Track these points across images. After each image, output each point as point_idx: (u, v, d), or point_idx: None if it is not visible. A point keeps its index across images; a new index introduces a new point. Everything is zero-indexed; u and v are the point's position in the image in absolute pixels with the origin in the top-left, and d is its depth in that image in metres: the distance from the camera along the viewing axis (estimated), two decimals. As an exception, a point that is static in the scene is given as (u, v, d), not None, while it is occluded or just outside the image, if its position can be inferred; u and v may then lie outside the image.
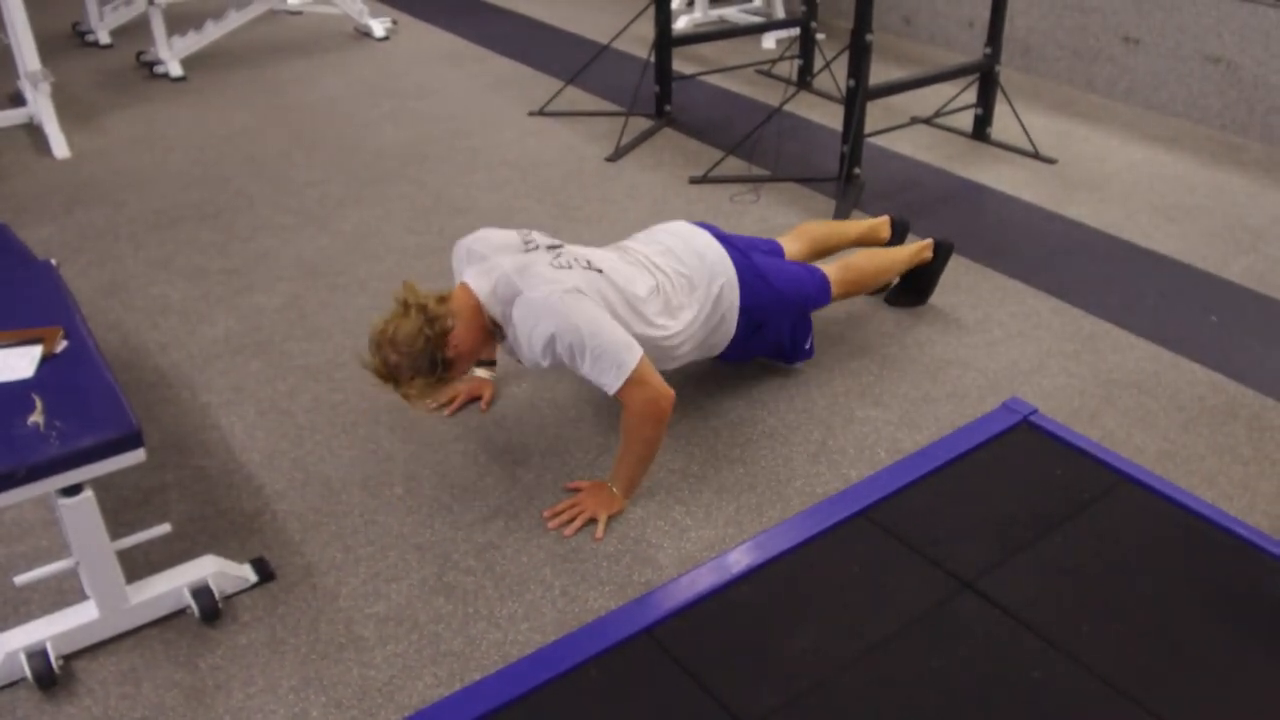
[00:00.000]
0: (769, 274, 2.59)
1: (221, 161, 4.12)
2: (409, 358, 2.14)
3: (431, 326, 2.14)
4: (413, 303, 2.16)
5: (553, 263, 2.27)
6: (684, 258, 2.48)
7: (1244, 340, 2.94)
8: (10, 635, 1.92)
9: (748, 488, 2.40)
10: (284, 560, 2.19)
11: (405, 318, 2.14)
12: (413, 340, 2.13)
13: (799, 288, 2.67)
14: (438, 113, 4.61)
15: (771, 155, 4.06)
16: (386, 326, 2.16)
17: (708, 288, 2.46)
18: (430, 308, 2.16)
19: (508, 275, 2.24)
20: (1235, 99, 4.33)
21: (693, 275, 2.46)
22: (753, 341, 2.63)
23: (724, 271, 2.49)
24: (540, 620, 2.05)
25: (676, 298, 2.42)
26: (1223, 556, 2.17)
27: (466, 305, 2.24)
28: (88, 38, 5.58)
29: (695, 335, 2.46)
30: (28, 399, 1.86)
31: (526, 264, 2.26)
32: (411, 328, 2.13)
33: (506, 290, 2.23)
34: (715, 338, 2.53)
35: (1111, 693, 1.86)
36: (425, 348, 2.14)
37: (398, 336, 2.13)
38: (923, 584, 2.10)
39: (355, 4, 5.68)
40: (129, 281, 3.25)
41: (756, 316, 2.57)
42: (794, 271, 2.70)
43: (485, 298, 2.26)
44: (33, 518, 2.30)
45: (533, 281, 2.21)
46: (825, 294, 2.72)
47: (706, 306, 2.46)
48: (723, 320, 2.51)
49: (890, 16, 5.59)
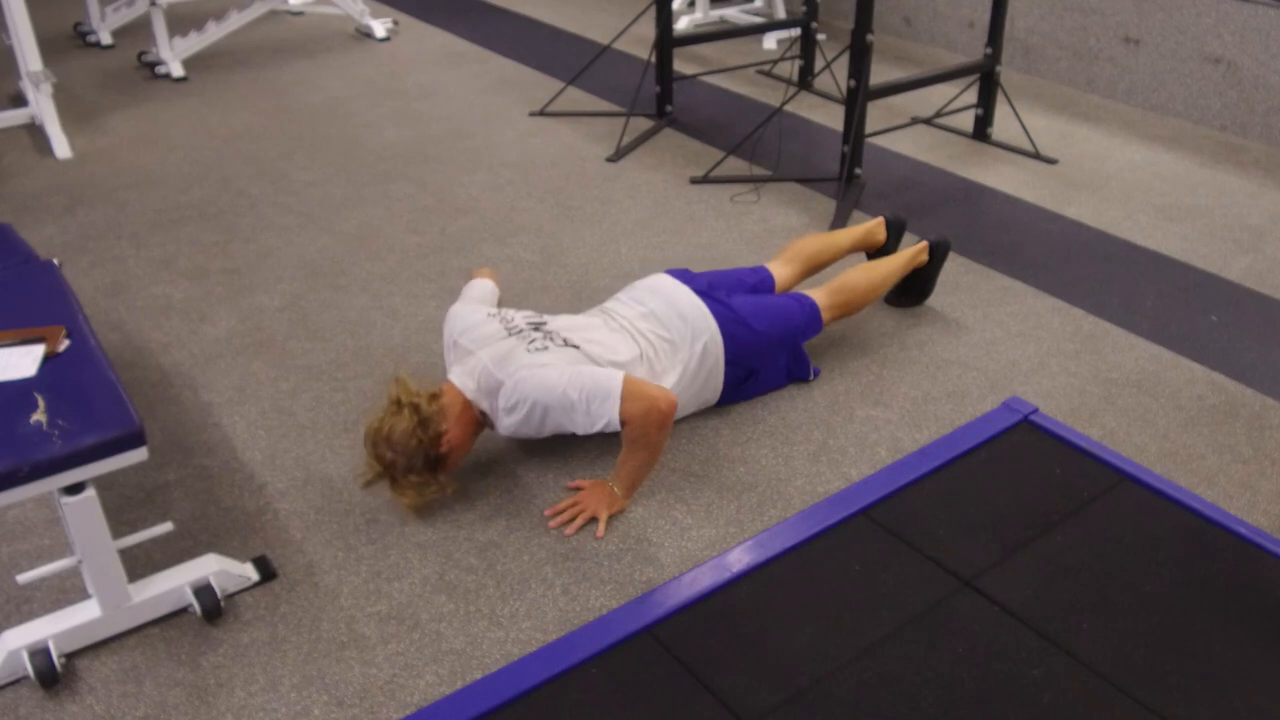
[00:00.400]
0: (753, 318, 2.60)
1: (223, 162, 4.12)
2: (404, 455, 2.19)
3: (425, 430, 2.19)
4: (405, 402, 2.21)
5: (528, 348, 2.32)
6: (666, 320, 2.52)
7: (1244, 340, 2.94)
8: (13, 633, 1.93)
9: (749, 487, 2.40)
10: (286, 559, 2.20)
11: (399, 416, 2.20)
12: (407, 440, 2.18)
13: (787, 324, 2.67)
14: (439, 113, 4.62)
15: (772, 155, 4.07)
16: (381, 425, 2.21)
17: (690, 348, 2.50)
18: (423, 409, 2.21)
19: (488, 369, 2.30)
20: (1235, 99, 4.33)
21: (675, 338, 2.50)
22: (747, 387, 2.66)
23: (706, 328, 2.52)
24: (542, 619, 2.05)
25: (660, 363, 2.46)
26: (1223, 555, 2.18)
27: (456, 402, 2.30)
28: (89, 38, 5.59)
29: (684, 393, 2.49)
30: (30, 398, 1.87)
31: (505, 354, 2.31)
32: (405, 427, 2.18)
33: (489, 384, 2.29)
34: (705, 393, 2.57)
35: (1111, 691, 1.86)
36: (419, 447, 2.19)
37: (393, 436, 2.19)
38: (923, 582, 2.11)
39: (356, 4, 5.69)
40: (131, 281, 3.25)
41: (745, 364, 2.61)
42: (780, 307, 2.69)
43: (472, 395, 2.31)
44: (35, 516, 2.31)
45: (511, 370, 2.27)
46: (816, 323, 2.72)
47: (691, 365, 2.49)
48: (710, 375, 2.54)
49: (891, 17, 5.59)
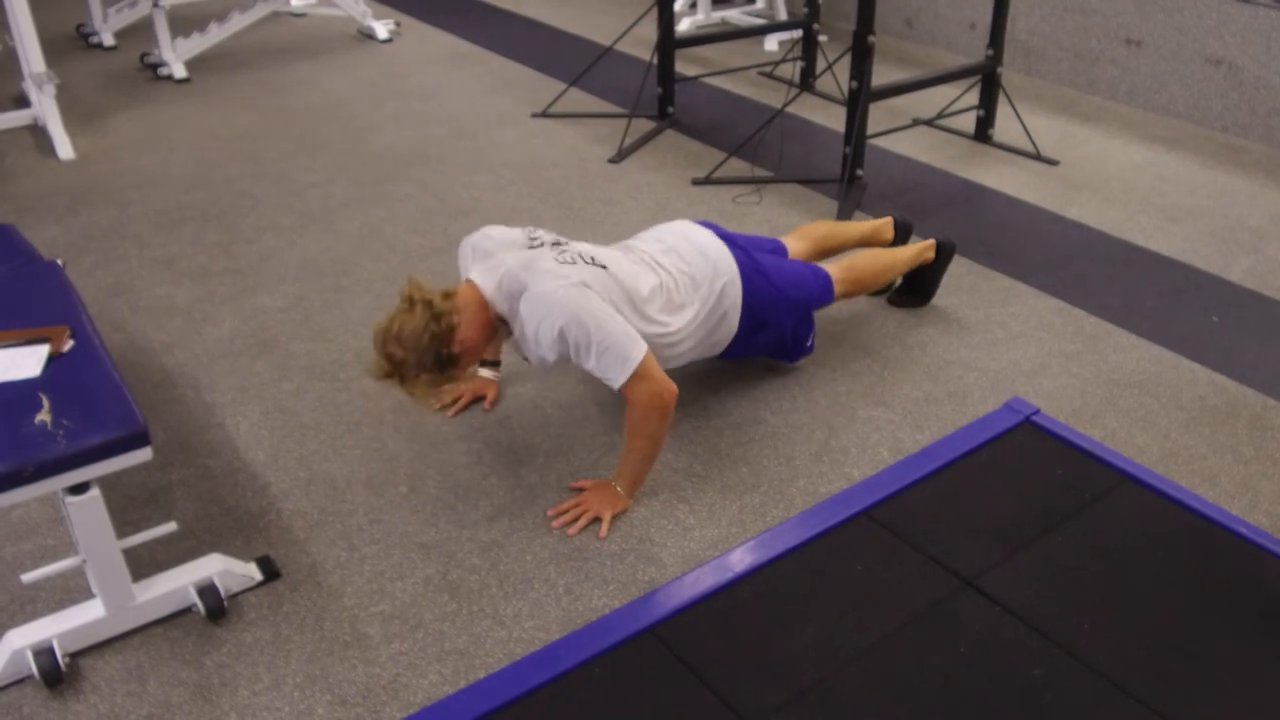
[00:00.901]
0: (771, 272, 2.60)
1: (225, 163, 4.13)
2: (415, 353, 2.13)
3: (438, 322, 2.13)
4: (418, 298, 2.16)
5: (558, 258, 2.27)
6: (687, 256, 2.49)
7: (1245, 341, 2.95)
8: (17, 633, 1.93)
9: (751, 487, 2.41)
10: (289, 559, 2.20)
11: (411, 313, 2.14)
12: (418, 335, 2.12)
13: (802, 286, 2.68)
14: (441, 114, 4.63)
15: (774, 157, 4.07)
16: (391, 323, 2.15)
17: (710, 285, 2.47)
18: (436, 303, 2.15)
19: (513, 271, 2.25)
20: (1236, 101, 4.33)
21: (696, 273, 2.47)
22: (755, 339, 2.64)
23: (727, 269, 2.50)
24: (544, 618, 2.06)
25: (679, 295, 2.42)
26: (1224, 556, 2.18)
27: (472, 301, 2.24)
28: (92, 40, 5.59)
29: (697, 333, 2.46)
30: (35, 398, 1.87)
31: (532, 260, 2.26)
32: (417, 323, 2.12)
33: (513, 285, 2.24)
34: (717, 335, 2.54)
35: (1113, 691, 1.87)
36: (431, 343, 2.13)
37: (403, 332, 2.13)
38: (925, 582, 2.11)
39: (358, 6, 5.70)
40: (134, 282, 3.26)
41: (759, 314, 2.58)
42: (797, 270, 2.71)
43: (491, 294, 2.26)
44: (39, 516, 2.31)
45: (539, 277, 2.22)
46: (828, 293, 2.73)
47: (709, 303, 2.46)
48: (725, 318, 2.51)
49: (892, 18, 5.60)
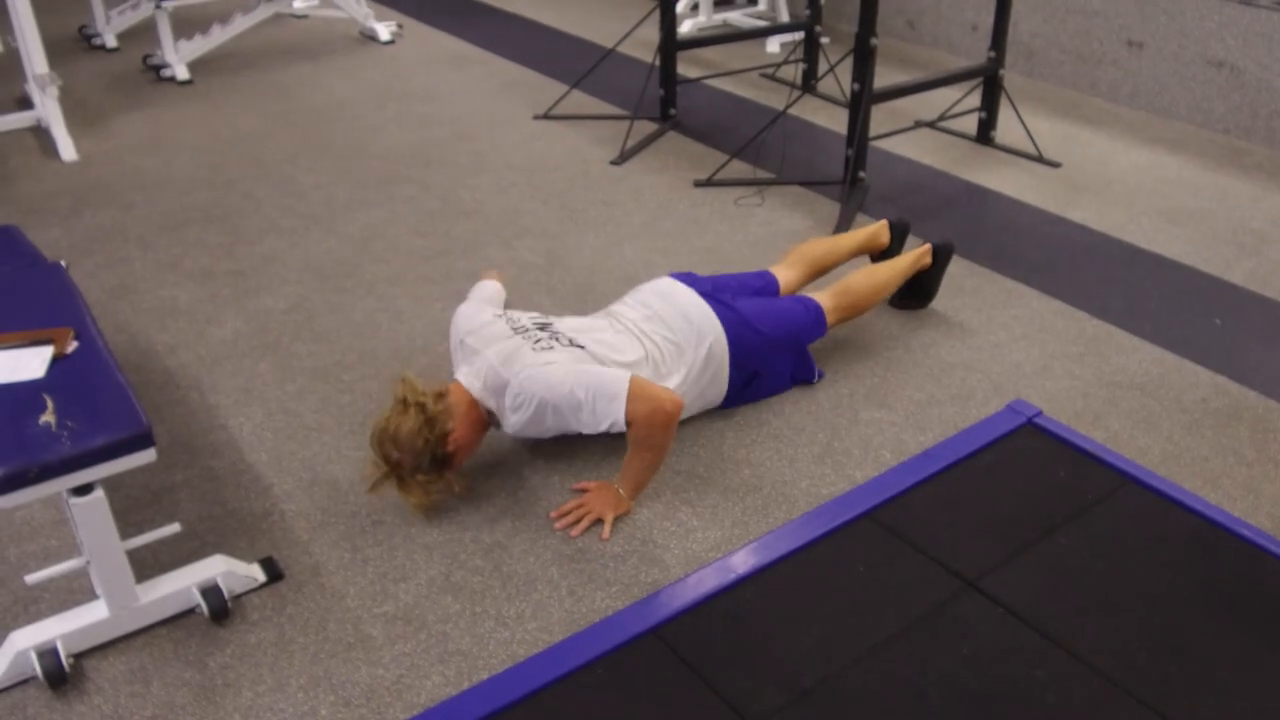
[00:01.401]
0: (757, 322, 2.61)
1: (228, 164, 4.13)
2: (411, 455, 2.20)
3: (431, 429, 2.20)
4: (412, 401, 2.22)
5: (534, 348, 2.33)
6: (671, 322, 2.53)
7: (1247, 343, 2.95)
8: (21, 634, 1.93)
9: (753, 489, 2.41)
10: (292, 560, 2.21)
11: (405, 415, 2.21)
12: (413, 439, 2.19)
13: (791, 327, 2.68)
14: (443, 116, 4.63)
15: (776, 159, 4.07)
16: (388, 424, 2.21)
17: (695, 350, 2.51)
18: (429, 408, 2.22)
19: (494, 368, 2.31)
20: (1239, 103, 4.34)
21: (680, 340, 2.51)
22: (751, 389, 2.66)
23: (711, 330, 2.53)
24: (547, 620, 2.06)
25: (665, 365, 2.47)
26: (1226, 558, 2.18)
27: (463, 401, 2.31)
28: (94, 41, 5.60)
29: (688, 394, 2.50)
30: (39, 399, 1.87)
31: (511, 353, 2.33)
32: (412, 426, 2.19)
33: (495, 382, 2.31)
34: (709, 394, 2.58)
35: (1115, 692, 1.87)
36: (426, 446, 2.20)
37: (399, 435, 2.20)
38: (927, 584, 2.11)
39: (360, 8, 5.71)
40: (137, 283, 3.26)
41: (750, 367, 2.61)
42: (785, 310, 2.71)
43: (478, 394, 2.33)
44: (43, 517, 2.32)
45: (517, 368, 2.28)
46: (820, 326, 2.73)
47: (695, 366, 2.50)
48: (715, 377, 2.55)
49: (894, 20, 5.60)
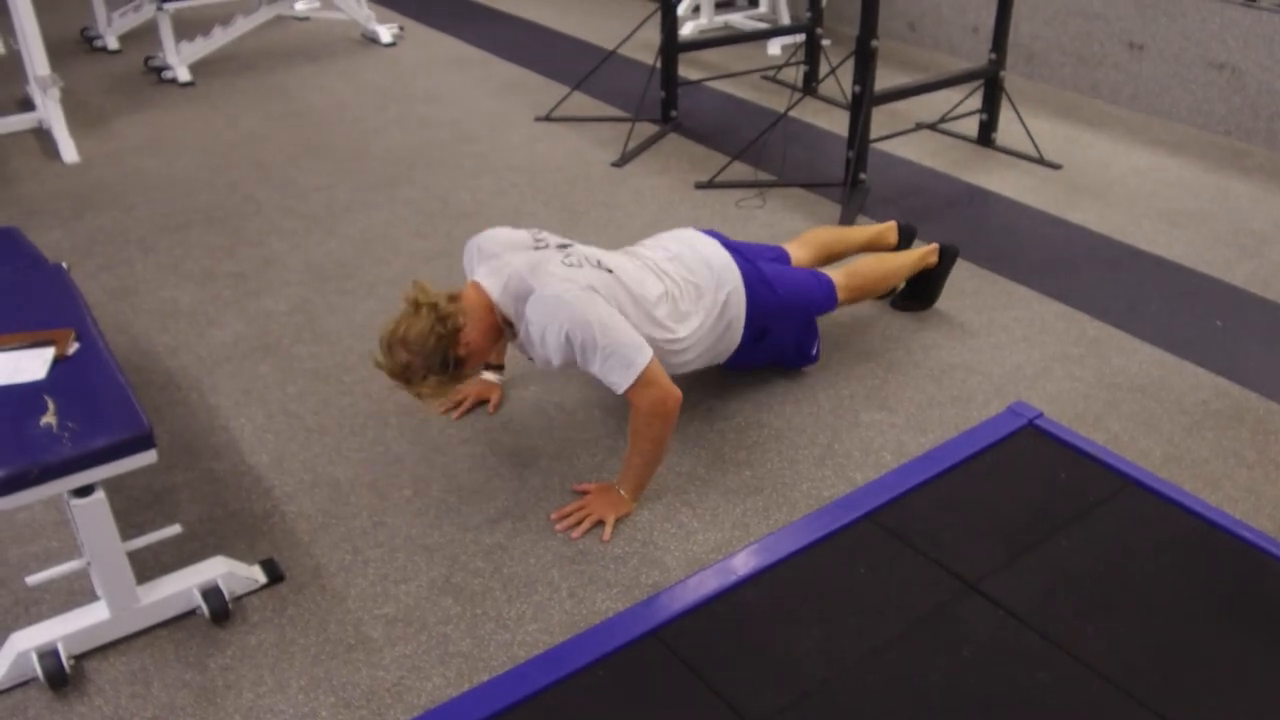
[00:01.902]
0: (775, 281, 2.60)
1: (229, 166, 4.14)
2: (421, 356, 2.14)
3: (443, 325, 2.14)
4: (424, 302, 2.16)
5: (564, 261, 2.28)
6: (692, 265, 2.50)
7: (1248, 345, 2.95)
8: (22, 635, 1.94)
9: (754, 490, 2.41)
10: (293, 561, 2.21)
11: (416, 316, 2.15)
12: (424, 339, 2.13)
13: (805, 294, 2.69)
14: (444, 118, 4.63)
15: (777, 160, 4.07)
16: (398, 326, 2.16)
17: (714, 295, 2.47)
18: (441, 306, 2.16)
19: (520, 273, 2.25)
20: (1240, 105, 4.34)
21: (700, 283, 2.47)
22: (758, 348, 2.64)
23: (731, 279, 2.50)
24: (548, 621, 2.06)
25: (684, 304, 2.43)
26: (1227, 560, 2.18)
27: (478, 303, 2.25)
28: (96, 43, 5.61)
29: (702, 342, 2.47)
30: (40, 400, 1.88)
31: (538, 262, 2.27)
32: (423, 326, 2.13)
33: (519, 288, 2.25)
34: (721, 345, 2.54)
35: (1116, 694, 1.87)
36: (437, 346, 2.14)
37: (409, 335, 2.14)
38: (928, 586, 2.11)
39: (362, 10, 5.71)
40: (138, 285, 3.27)
41: (762, 324, 2.59)
42: (800, 278, 2.71)
43: (497, 296, 2.26)
44: (44, 518, 2.32)
45: (545, 279, 2.22)
46: (831, 300, 2.73)
47: (713, 313, 2.47)
48: (729, 328, 2.52)
49: (895, 22, 5.60)
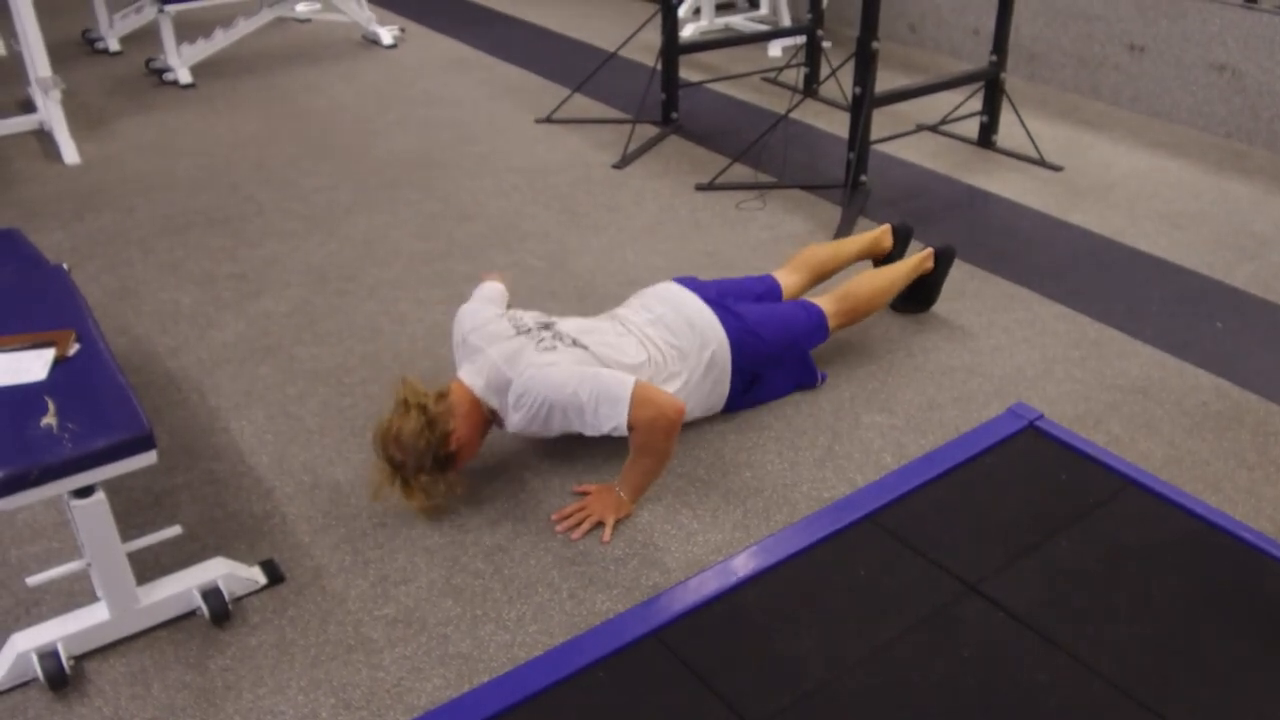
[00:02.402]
0: (760, 328, 2.62)
1: (230, 168, 4.14)
2: (413, 455, 2.20)
3: (432, 430, 2.21)
4: (413, 403, 2.23)
5: (538, 347, 2.33)
6: (674, 327, 2.53)
7: (1249, 346, 2.95)
8: (22, 635, 1.94)
9: (754, 492, 2.41)
10: (293, 562, 2.21)
11: (407, 417, 2.21)
12: (415, 439, 2.20)
13: (793, 332, 2.69)
14: (445, 120, 4.64)
15: (778, 162, 4.08)
16: (390, 426, 2.22)
17: (699, 355, 2.51)
18: (430, 409, 2.22)
19: (498, 367, 2.31)
20: (1240, 106, 4.34)
21: (683, 345, 2.51)
22: (753, 393, 2.67)
23: (714, 337, 2.53)
24: (548, 622, 2.06)
25: (668, 368, 2.47)
26: (1228, 561, 2.18)
27: (464, 401, 2.31)
28: (97, 45, 5.62)
29: (690, 398, 2.50)
30: (41, 401, 1.88)
31: (514, 352, 2.33)
32: (413, 427, 2.20)
33: (498, 381, 2.31)
34: (712, 398, 2.58)
35: (1116, 695, 1.87)
36: (427, 447, 2.20)
37: (401, 437, 2.20)
38: (928, 587, 2.11)
39: (363, 12, 5.72)
40: (139, 286, 3.27)
41: (751, 371, 2.62)
42: (787, 316, 2.71)
43: (481, 392, 2.33)
44: (44, 519, 2.32)
45: (521, 368, 2.28)
46: (822, 331, 2.74)
47: (698, 371, 2.51)
48: (716, 382, 2.56)
49: (896, 24, 5.61)
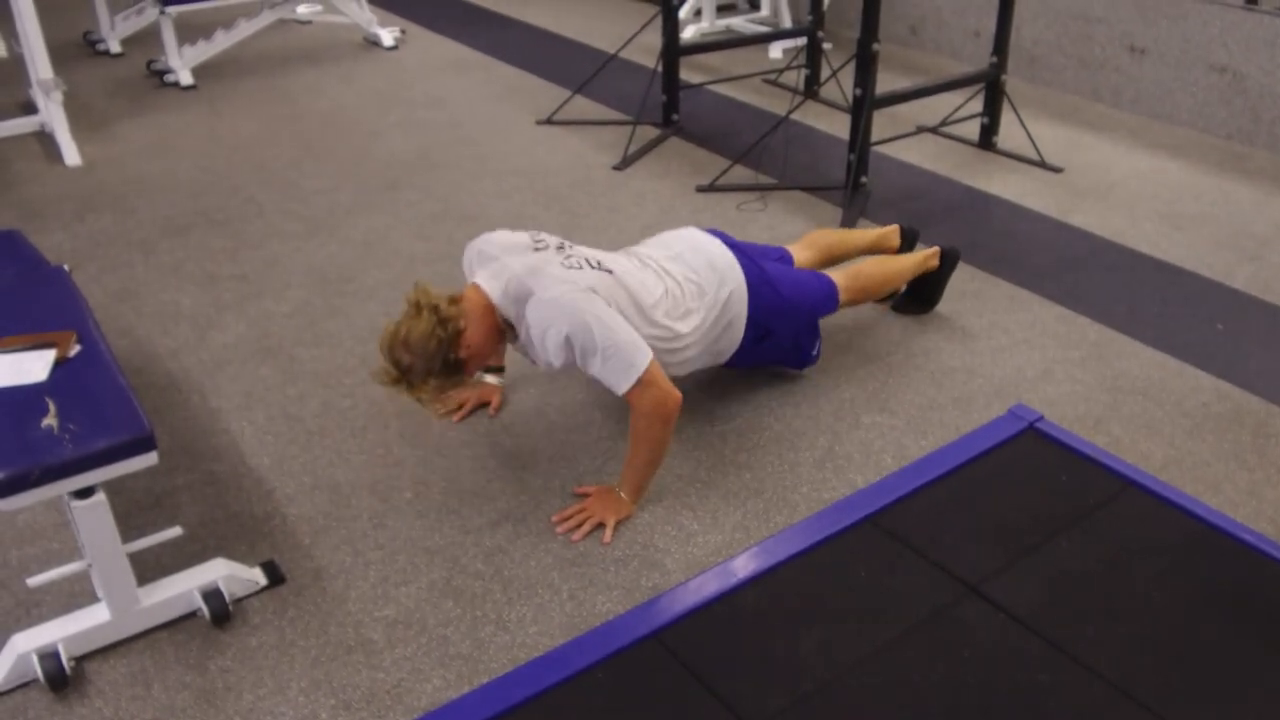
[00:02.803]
0: (777, 281, 2.60)
1: (231, 169, 4.14)
2: (422, 358, 2.15)
3: (444, 328, 2.15)
4: (425, 304, 2.17)
5: (564, 263, 2.29)
6: (694, 264, 2.50)
7: (1249, 348, 2.95)
8: (22, 636, 1.94)
9: (754, 493, 2.41)
10: (294, 564, 2.21)
11: (417, 319, 2.16)
12: (425, 341, 2.14)
13: (807, 295, 2.69)
14: (446, 121, 4.64)
15: (778, 164, 4.08)
16: (399, 328, 2.17)
17: (716, 293, 2.48)
18: (442, 308, 2.17)
19: (519, 276, 2.26)
20: (1241, 108, 4.34)
21: (702, 281, 2.48)
22: (759, 348, 2.64)
23: (733, 278, 2.51)
24: (548, 624, 2.06)
25: (685, 303, 2.43)
26: (1228, 562, 2.18)
27: (478, 305, 2.26)
28: (99, 47, 5.62)
29: (702, 340, 2.47)
30: (42, 402, 1.88)
31: (538, 264, 2.28)
32: (424, 328, 2.14)
33: (519, 290, 2.25)
34: (722, 344, 2.55)
35: (1117, 696, 1.87)
36: (438, 348, 2.15)
37: (410, 338, 2.15)
38: (929, 588, 2.11)
39: (364, 14, 5.72)
40: (140, 288, 3.27)
41: (764, 323, 2.59)
42: (802, 279, 2.72)
43: (498, 298, 2.27)
44: (45, 520, 2.32)
45: (545, 282, 2.23)
46: (833, 301, 2.74)
47: (714, 311, 2.47)
48: (730, 326, 2.52)
49: (896, 26, 5.61)
